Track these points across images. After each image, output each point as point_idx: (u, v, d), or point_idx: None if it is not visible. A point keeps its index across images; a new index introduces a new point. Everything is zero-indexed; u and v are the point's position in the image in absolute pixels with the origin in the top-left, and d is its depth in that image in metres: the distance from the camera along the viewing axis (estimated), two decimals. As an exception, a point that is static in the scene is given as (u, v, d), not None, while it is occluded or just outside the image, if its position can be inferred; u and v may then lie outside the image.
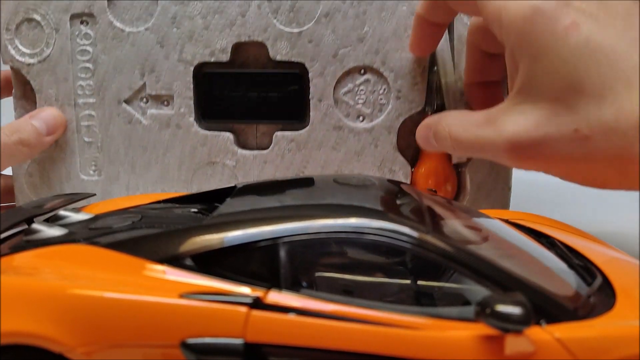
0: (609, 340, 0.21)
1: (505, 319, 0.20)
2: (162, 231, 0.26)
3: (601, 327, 0.22)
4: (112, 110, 0.41)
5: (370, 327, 0.22)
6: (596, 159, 0.24)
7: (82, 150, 0.42)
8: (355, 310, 0.22)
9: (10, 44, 0.41)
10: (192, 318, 0.22)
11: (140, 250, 0.25)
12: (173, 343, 0.22)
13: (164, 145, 0.41)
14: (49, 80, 0.41)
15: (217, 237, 0.25)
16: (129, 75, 0.40)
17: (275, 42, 0.39)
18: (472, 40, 0.36)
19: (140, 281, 0.24)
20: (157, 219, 0.29)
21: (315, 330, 0.22)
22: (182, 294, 0.23)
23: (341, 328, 0.22)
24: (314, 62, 0.39)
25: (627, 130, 0.23)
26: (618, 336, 0.21)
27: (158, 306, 0.22)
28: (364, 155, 0.40)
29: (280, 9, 0.39)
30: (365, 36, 0.39)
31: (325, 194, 0.29)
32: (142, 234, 0.26)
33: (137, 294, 0.23)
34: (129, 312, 0.22)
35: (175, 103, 0.41)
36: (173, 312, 0.22)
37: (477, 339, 0.21)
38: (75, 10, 0.40)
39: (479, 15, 0.29)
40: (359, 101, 0.40)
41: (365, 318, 0.22)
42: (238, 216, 0.26)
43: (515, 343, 0.21)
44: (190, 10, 0.39)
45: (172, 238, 0.25)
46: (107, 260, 0.25)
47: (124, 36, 0.40)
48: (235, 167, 0.41)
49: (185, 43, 0.40)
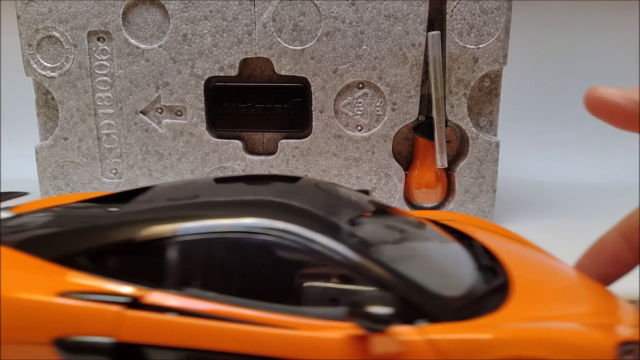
0: (481, 341, 0.21)
1: (371, 319, 0.20)
2: (60, 230, 0.26)
3: (477, 328, 0.21)
4: (129, 120, 0.44)
5: (245, 327, 0.22)
6: None
7: (103, 156, 0.45)
8: (232, 310, 0.22)
9: (32, 59, 0.44)
10: (66, 316, 0.22)
11: (36, 249, 0.25)
12: (46, 341, 0.22)
13: (178, 152, 0.45)
14: (70, 92, 0.44)
15: (109, 236, 0.24)
16: (145, 88, 0.44)
17: (279, 58, 0.42)
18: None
19: (25, 279, 0.24)
20: (69, 218, 0.28)
21: (191, 330, 0.22)
22: (61, 293, 0.23)
23: (217, 328, 0.22)
24: (315, 76, 0.43)
25: None
26: (492, 338, 0.21)
27: (33, 304, 0.23)
28: (362, 161, 0.44)
29: (284, 29, 0.42)
30: (364, 54, 0.42)
31: (237, 193, 0.28)
32: (43, 232, 0.26)
33: (14, 292, 0.23)
34: (5, 309, 0.23)
35: (188, 113, 0.44)
36: (47, 311, 0.22)
37: (348, 339, 0.21)
38: (92, 27, 0.43)
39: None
40: (358, 112, 0.43)
41: (241, 318, 0.22)
42: (134, 215, 0.26)
43: (381, 343, 0.21)
44: (200, 29, 0.42)
45: (67, 237, 0.25)
46: (5, 259, 0.25)
47: (139, 52, 0.43)
48: (244, 172, 0.45)
49: (197, 59, 0.43)
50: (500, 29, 0.41)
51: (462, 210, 0.44)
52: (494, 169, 0.44)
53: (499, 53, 0.41)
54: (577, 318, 0.23)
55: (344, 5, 0.41)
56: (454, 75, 0.42)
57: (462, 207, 0.44)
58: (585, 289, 0.26)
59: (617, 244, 0.28)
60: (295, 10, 0.41)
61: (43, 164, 0.46)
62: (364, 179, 0.44)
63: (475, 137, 0.43)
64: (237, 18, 0.42)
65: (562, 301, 0.24)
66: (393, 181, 0.44)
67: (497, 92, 0.43)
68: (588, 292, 0.25)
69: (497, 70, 0.42)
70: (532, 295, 0.24)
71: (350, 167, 0.44)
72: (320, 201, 0.26)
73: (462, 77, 0.42)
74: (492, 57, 0.41)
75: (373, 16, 0.41)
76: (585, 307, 0.24)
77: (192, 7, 0.42)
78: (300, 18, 0.41)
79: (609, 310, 0.24)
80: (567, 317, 0.23)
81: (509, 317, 0.22)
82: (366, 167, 0.44)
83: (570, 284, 0.26)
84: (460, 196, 0.44)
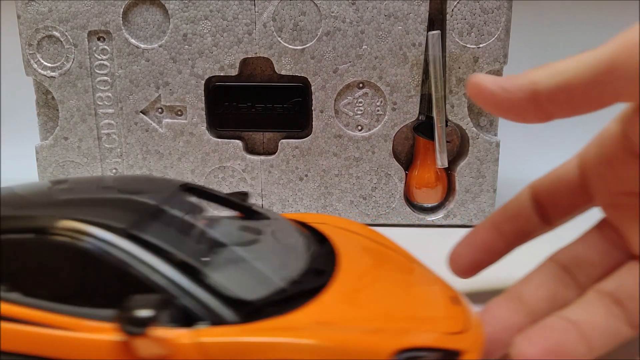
0: (244, 344, 0.21)
1: (131, 321, 0.21)
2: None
3: (251, 330, 0.21)
4: (130, 120, 0.44)
5: (21, 327, 0.22)
6: None
7: (103, 156, 0.45)
8: (12, 309, 0.22)
9: (33, 59, 0.44)
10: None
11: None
12: None
13: (178, 152, 0.45)
14: (70, 92, 0.44)
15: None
16: (145, 88, 0.44)
17: (280, 57, 0.42)
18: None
19: None
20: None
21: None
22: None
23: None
24: (316, 76, 0.43)
25: None
26: (256, 341, 0.21)
27: None
28: (362, 161, 0.44)
29: (284, 28, 0.42)
30: (364, 53, 0.42)
31: (86, 192, 0.28)
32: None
33: None
34: None
35: (189, 113, 0.44)
36: None
37: (118, 341, 0.21)
38: (92, 27, 0.43)
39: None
40: (358, 112, 0.43)
41: (20, 317, 0.22)
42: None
43: (144, 346, 0.21)
44: (200, 28, 0.42)
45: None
46: None
47: (139, 52, 0.43)
48: (244, 171, 0.45)
49: (197, 59, 0.43)
50: (500, 28, 0.41)
51: (463, 210, 0.44)
52: (494, 168, 0.44)
53: (499, 53, 0.41)
54: (374, 322, 0.23)
55: (344, 4, 0.41)
56: (454, 75, 0.42)
57: (462, 206, 0.44)
58: (416, 294, 0.26)
59: (489, 232, 0.30)
60: (296, 10, 0.41)
61: (43, 163, 0.46)
62: (364, 178, 0.44)
63: (475, 137, 0.43)
64: (238, 18, 0.42)
65: (375, 306, 0.24)
66: (393, 181, 0.44)
67: (497, 92, 0.43)
68: (415, 297, 0.25)
69: (497, 69, 0.42)
70: (344, 298, 0.24)
71: (351, 166, 0.44)
72: (156, 203, 0.26)
73: (463, 76, 0.42)
74: (493, 56, 0.41)
75: (373, 16, 0.41)
76: (395, 311, 0.24)
77: (193, 7, 0.42)
78: (300, 18, 0.41)
79: (422, 314, 0.24)
80: (365, 321, 0.23)
81: (296, 320, 0.22)
82: (366, 167, 0.44)
83: (401, 290, 0.26)
84: (461, 196, 0.44)
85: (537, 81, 0.24)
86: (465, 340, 0.23)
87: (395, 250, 0.30)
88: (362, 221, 0.45)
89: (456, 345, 0.23)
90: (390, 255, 0.29)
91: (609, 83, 0.23)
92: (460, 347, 0.23)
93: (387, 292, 0.25)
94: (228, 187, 0.45)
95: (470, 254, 0.31)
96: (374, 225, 0.45)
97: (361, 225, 0.32)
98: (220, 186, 0.45)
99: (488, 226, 0.31)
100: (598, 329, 0.25)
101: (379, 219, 0.45)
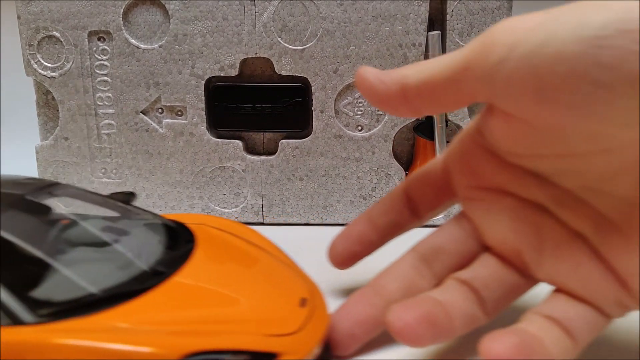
0: (34, 345, 0.21)
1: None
2: None
3: (41, 332, 0.22)
4: (130, 120, 0.44)
5: None
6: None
7: (103, 156, 0.45)
8: None
9: (33, 59, 0.44)
10: None
11: None
12: None
13: (178, 152, 0.45)
14: (70, 92, 0.44)
15: None
16: (145, 88, 0.44)
17: (280, 58, 0.42)
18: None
19: None
20: None
21: None
22: None
23: None
24: (316, 76, 0.43)
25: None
26: (45, 342, 0.21)
27: None
28: (362, 161, 0.44)
29: (284, 28, 0.42)
30: (364, 54, 0.42)
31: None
32: None
33: None
34: None
35: (189, 113, 0.44)
36: None
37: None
38: (92, 27, 0.43)
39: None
40: (358, 112, 0.43)
41: None
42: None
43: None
44: (200, 28, 0.42)
45: None
46: None
47: (139, 52, 0.43)
48: (244, 171, 0.45)
49: (197, 59, 0.43)
50: (500, 28, 0.41)
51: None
52: (495, 168, 0.44)
53: (499, 53, 0.41)
54: (179, 325, 0.23)
55: (344, 5, 0.41)
56: (454, 75, 0.42)
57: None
58: (256, 296, 0.26)
59: (364, 224, 0.32)
60: (296, 10, 0.41)
61: (43, 164, 0.46)
62: (364, 178, 0.44)
63: (475, 137, 0.43)
64: (238, 18, 0.42)
65: (195, 308, 0.24)
66: (394, 181, 0.44)
67: (497, 92, 0.43)
68: (253, 299, 0.25)
69: (497, 70, 0.42)
70: (165, 300, 0.24)
71: (351, 167, 0.44)
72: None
73: (463, 77, 0.42)
74: (493, 57, 0.41)
75: (374, 16, 0.41)
76: (214, 313, 0.24)
77: (193, 7, 0.42)
78: (301, 18, 0.42)
79: (246, 317, 0.24)
80: (169, 324, 0.23)
81: (94, 322, 0.22)
82: (367, 167, 0.44)
83: (242, 292, 0.26)
84: (461, 196, 0.44)
85: (406, 75, 0.25)
86: (289, 342, 0.23)
87: (268, 252, 0.31)
88: (362, 221, 0.45)
89: (272, 348, 0.23)
90: (256, 257, 0.30)
91: (464, 82, 0.24)
92: (277, 350, 0.23)
93: (222, 294, 0.25)
94: (228, 188, 0.45)
95: (347, 245, 0.32)
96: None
97: (241, 226, 0.33)
98: (221, 187, 0.45)
99: (364, 219, 0.32)
100: (459, 310, 0.26)
101: (379, 219, 0.45)
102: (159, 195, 0.46)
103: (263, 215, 0.46)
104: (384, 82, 0.26)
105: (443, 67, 0.24)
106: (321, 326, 0.26)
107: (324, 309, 0.27)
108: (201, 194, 0.45)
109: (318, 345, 0.25)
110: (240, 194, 0.45)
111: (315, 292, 0.28)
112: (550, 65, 0.21)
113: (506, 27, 0.23)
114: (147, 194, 0.46)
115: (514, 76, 0.22)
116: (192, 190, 0.45)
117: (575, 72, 0.20)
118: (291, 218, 0.46)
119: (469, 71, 0.23)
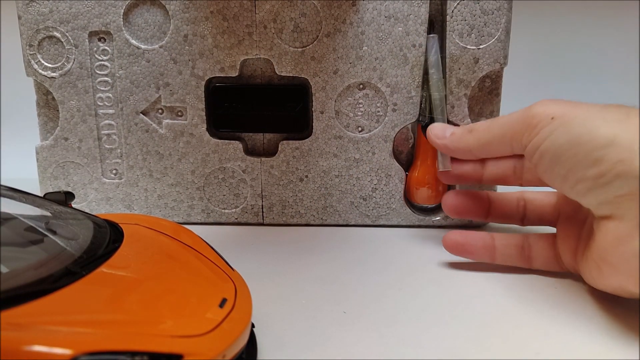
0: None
1: None
2: None
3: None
4: (130, 120, 0.44)
5: None
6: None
7: (103, 157, 0.45)
8: None
9: (33, 59, 0.44)
10: None
11: None
12: None
13: (178, 153, 0.45)
14: (71, 92, 0.44)
15: None
16: (145, 89, 0.44)
17: (280, 59, 0.42)
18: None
19: None
20: None
21: None
22: None
23: None
24: (316, 77, 0.43)
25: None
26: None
27: None
28: (362, 162, 0.44)
29: (284, 30, 0.42)
30: (364, 54, 0.42)
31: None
32: None
33: None
34: None
35: (189, 114, 0.44)
36: None
37: None
38: (92, 28, 0.43)
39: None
40: (358, 113, 0.43)
41: None
42: None
43: None
44: (201, 30, 0.42)
45: None
46: None
47: (140, 53, 0.43)
48: (244, 172, 0.45)
49: (197, 60, 0.43)
50: (500, 29, 0.41)
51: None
52: (494, 169, 0.44)
53: (499, 54, 0.41)
54: (73, 326, 0.22)
55: (344, 6, 0.41)
56: (454, 76, 0.42)
57: (462, 207, 0.44)
58: (170, 297, 0.26)
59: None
60: (296, 10, 0.41)
61: (43, 164, 0.46)
62: (364, 179, 0.44)
63: (475, 137, 0.43)
64: (238, 19, 0.42)
65: (95, 309, 0.24)
66: (394, 181, 0.44)
67: (497, 92, 0.43)
68: (164, 301, 0.25)
69: (497, 70, 0.42)
70: (68, 300, 0.24)
71: (351, 167, 0.44)
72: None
73: (463, 77, 0.42)
74: (493, 57, 0.41)
75: (374, 17, 0.41)
76: (114, 314, 0.24)
77: (193, 8, 0.42)
78: (300, 19, 0.42)
79: (151, 318, 0.24)
80: (63, 324, 0.22)
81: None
82: (367, 168, 0.44)
83: (155, 292, 0.26)
84: (461, 197, 0.44)
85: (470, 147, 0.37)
86: (196, 343, 0.23)
87: (198, 252, 0.31)
88: (362, 222, 0.45)
89: (175, 349, 0.22)
90: (183, 257, 0.30)
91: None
92: (181, 351, 0.22)
93: (136, 294, 0.25)
94: (228, 188, 0.45)
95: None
96: (374, 226, 0.46)
97: (177, 227, 0.33)
98: (221, 187, 0.45)
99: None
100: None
101: (379, 219, 0.45)
102: (158, 196, 0.46)
103: (263, 216, 0.46)
104: (445, 137, 0.38)
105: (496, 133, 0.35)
106: (238, 327, 0.25)
107: (246, 310, 0.27)
108: (201, 195, 0.45)
109: (231, 346, 0.24)
110: (240, 194, 0.45)
111: (241, 293, 0.28)
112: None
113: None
114: (147, 194, 0.46)
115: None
116: (192, 191, 0.46)
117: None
118: (291, 219, 0.46)
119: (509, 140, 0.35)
